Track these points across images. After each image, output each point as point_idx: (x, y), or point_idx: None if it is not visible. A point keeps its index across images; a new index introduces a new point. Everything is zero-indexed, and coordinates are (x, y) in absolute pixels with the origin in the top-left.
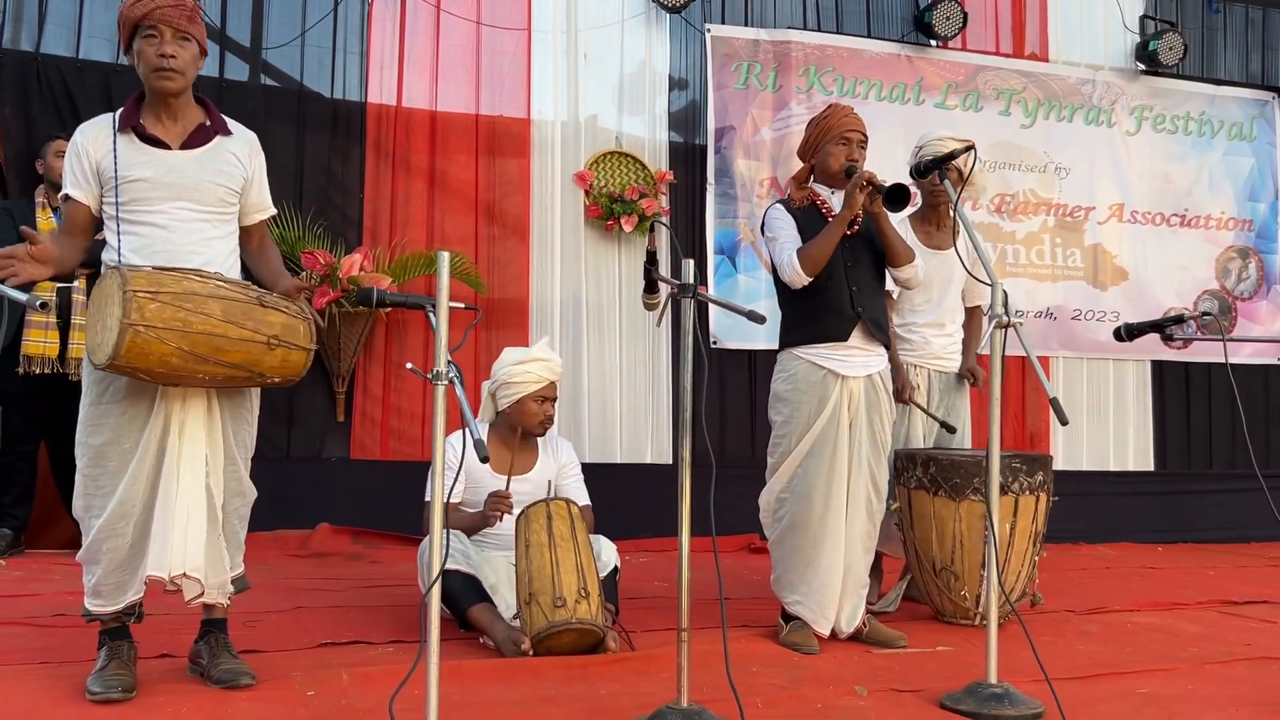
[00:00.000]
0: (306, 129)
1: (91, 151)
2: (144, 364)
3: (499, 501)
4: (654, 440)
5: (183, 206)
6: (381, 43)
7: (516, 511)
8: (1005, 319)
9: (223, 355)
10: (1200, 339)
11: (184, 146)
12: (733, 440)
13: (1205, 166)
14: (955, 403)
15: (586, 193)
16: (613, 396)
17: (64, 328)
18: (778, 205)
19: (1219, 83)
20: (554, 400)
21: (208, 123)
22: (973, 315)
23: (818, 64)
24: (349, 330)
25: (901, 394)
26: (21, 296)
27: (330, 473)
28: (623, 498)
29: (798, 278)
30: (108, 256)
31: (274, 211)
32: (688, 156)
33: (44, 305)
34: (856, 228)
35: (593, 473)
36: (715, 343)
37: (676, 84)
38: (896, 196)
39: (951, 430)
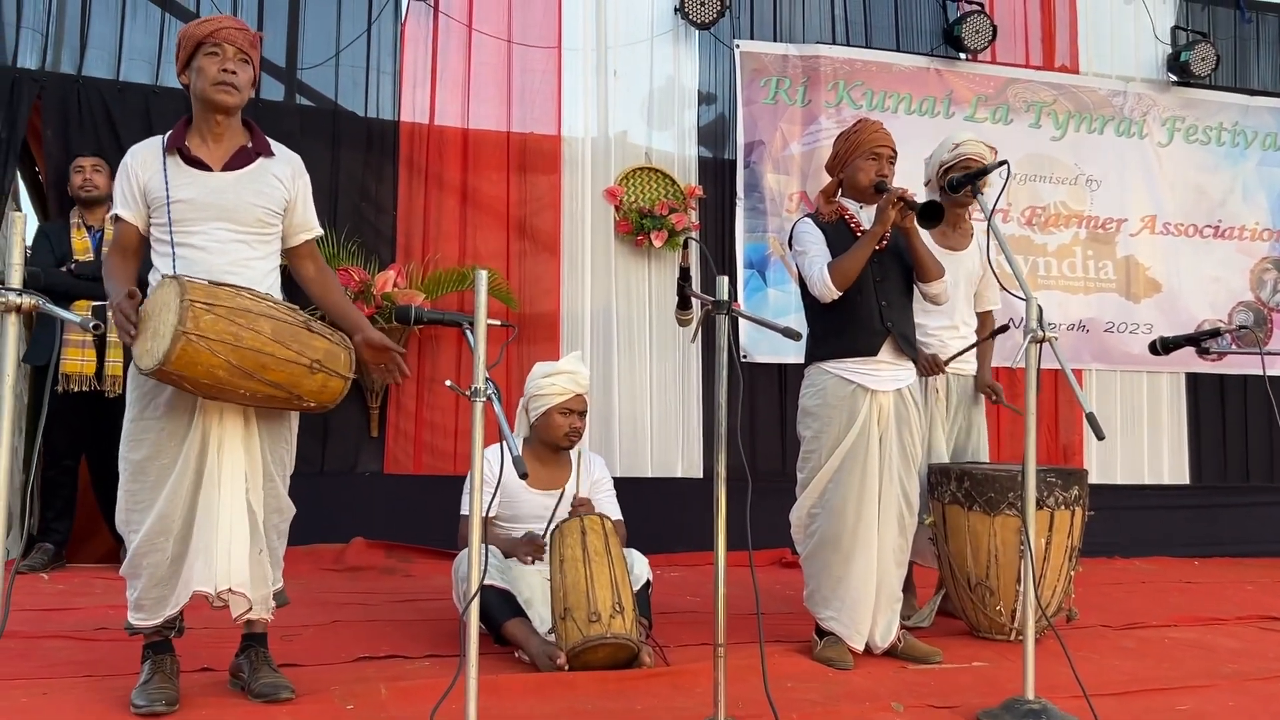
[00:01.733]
0: (341, 147)
1: (140, 173)
2: (190, 373)
3: (534, 550)
4: (684, 454)
5: (221, 227)
6: (414, 62)
7: (551, 527)
8: (1040, 334)
9: (266, 373)
10: (1237, 353)
11: (225, 168)
12: (763, 454)
13: (1239, 177)
14: (973, 413)
15: (617, 208)
16: (643, 410)
17: (100, 346)
18: (806, 219)
19: (1252, 93)
20: (582, 413)
21: (250, 144)
22: (984, 321)
23: (846, 78)
24: None
25: (934, 366)
26: (75, 317)
27: (364, 487)
28: (653, 512)
29: (828, 291)
30: (152, 277)
31: (320, 232)
32: (717, 171)
33: (97, 327)
34: (885, 242)
35: (623, 487)
36: (745, 356)
37: (705, 99)
38: (930, 213)
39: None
